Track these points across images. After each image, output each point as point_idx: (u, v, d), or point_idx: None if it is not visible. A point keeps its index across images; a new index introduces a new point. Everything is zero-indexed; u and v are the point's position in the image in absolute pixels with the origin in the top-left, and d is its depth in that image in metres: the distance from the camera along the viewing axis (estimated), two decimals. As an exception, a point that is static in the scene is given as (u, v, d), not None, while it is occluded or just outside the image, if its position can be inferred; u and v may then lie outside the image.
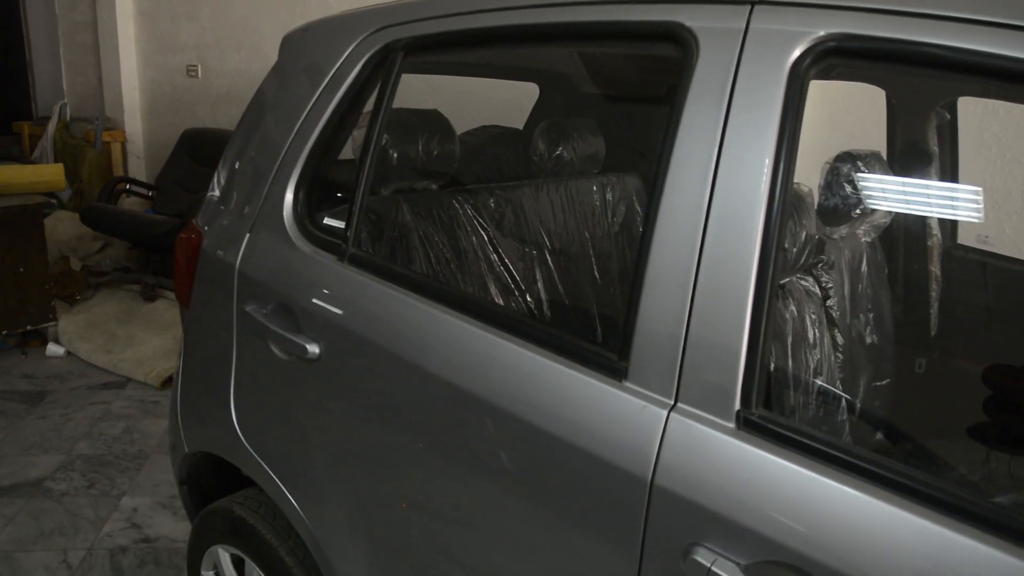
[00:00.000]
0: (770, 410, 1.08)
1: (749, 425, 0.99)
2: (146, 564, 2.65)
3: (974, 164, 3.03)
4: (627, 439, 1.06)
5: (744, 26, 1.09)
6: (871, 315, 2.17)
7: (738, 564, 0.96)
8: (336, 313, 1.46)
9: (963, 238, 2.39)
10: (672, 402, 1.04)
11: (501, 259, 1.93)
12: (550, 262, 2.06)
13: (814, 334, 1.63)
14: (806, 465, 0.94)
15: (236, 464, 1.75)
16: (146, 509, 2.98)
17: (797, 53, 1.04)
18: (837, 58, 1.04)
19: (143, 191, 5.85)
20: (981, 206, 2.53)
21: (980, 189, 2.50)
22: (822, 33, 1.03)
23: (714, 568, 0.96)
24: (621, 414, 1.07)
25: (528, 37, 1.38)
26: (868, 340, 2.17)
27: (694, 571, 0.98)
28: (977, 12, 0.94)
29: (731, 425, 1.00)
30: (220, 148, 5.11)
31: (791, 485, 0.95)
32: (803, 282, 1.67)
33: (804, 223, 1.53)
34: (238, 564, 1.91)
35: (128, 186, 5.85)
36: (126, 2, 6.42)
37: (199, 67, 6.24)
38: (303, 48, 1.79)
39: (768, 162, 1.01)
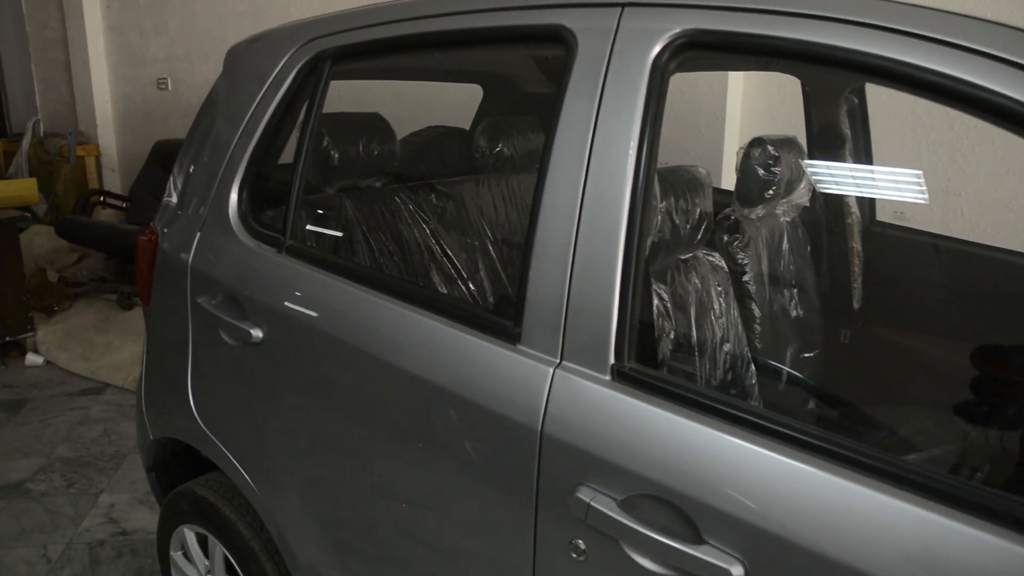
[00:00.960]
0: (648, 365, 1.22)
1: (621, 376, 1.13)
2: (123, 555, 2.77)
3: (904, 144, 3.19)
4: (521, 395, 1.20)
5: (615, 25, 1.23)
6: (795, 290, 2.32)
7: (614, 499, 1.10)
8: (275, 299, 1.60)
9: (881, 215, 2.55)
10: (558, 360, 1.19)
11: (431, 247, 2.07)
12: (476, 247, 2.20)
13: (720, 304, 1.77)
14: (671, 409, 1.09)
15: (195, 446, 1.89)
16: (123, 505, 3.09)
17: (658, 48, 1.18)
18: (692, 51, 1.19)
19: (117, 203, 5.95)
20: (898, 184, 2.69)
21: (894, 169, 2.64)
22: (678, 29, 1.18)
23: (593, 504, 1.10)
24: (516, 373, 1.21)
25: (436, 43, 1.52)
26: (793, 314, 2.32)
27: (578, 508, 1.13)
28: (805, 7, 1.09)
29: (606, 378, 1.14)
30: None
31: (658, 428, 1.09)
32: (709, 257, 1.81)
33: (698, 202, 1.67)
34: (203, 543, 2.04)
35: (102, 198, 5.95)
36: (95, 18, 6.53)
37: (169, 79, 6.35)
38: (245, 60, 1.92)
39: (634, 145, 1.16)
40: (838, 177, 2.49)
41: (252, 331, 1.61)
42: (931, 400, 2.15)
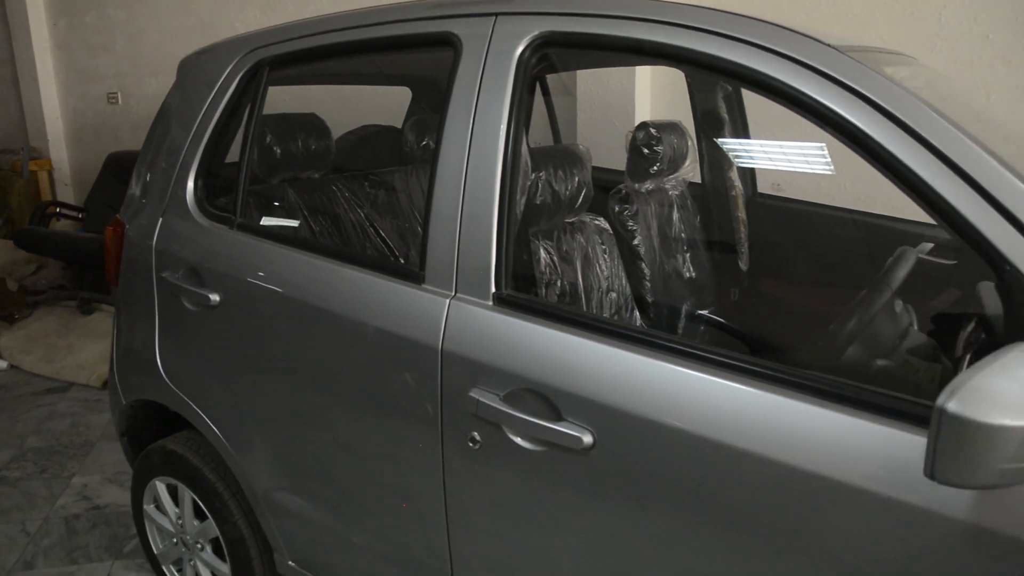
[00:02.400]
0: (520, 287, 1.56)
1: (500, 301, 1.47)
2: (98, 525, 3.03)
3: (787, 122, 3.57)
4: (425, 325, 1.53)
5: (490, 31, 1.57)
6: (688, 254, 2.68)
7: (497, 395, 1.44)
8: (228, 267, 1.91)
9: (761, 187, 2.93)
10: (452, 293, 1.52)
11: (362, 222, 2.40)
12: (400, 222, 2.53)
13: (605, 260, 2.12)
14: (538, 323, 1.42)
15: (164, 402, 2.18)
16: (95, 484, 3.35)
17: (522, 47, 1.52)
18: (548, 48, 1.54)
19: (73, 213, 6.14)
20: (772, 159, 3.06)
21: (769, 143, 2.99)
22: (537, 32, 1.52)
23: (482, 399, 1.44)
24: (421, 305, 1.54)
25: (353, 50, 1.85)
26: (687, 275, 2.68)
27: (471, 405, 1.46)
28: (630, 12, 1.43)
29: (489, 303, 1.48)
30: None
31: (528, 337, 1.43)
32: (595, 221, 2.16)
33: (576, 173, 2.01)
34: (173, 494, 2.33)
35: (58, 209, 6.14)
36: (42, 36, 6.71)
37: (119, 94, 6.56)
38: (195, 69, 2.22)
39: (503, 127, 1.50)
40: (721, 155, 2.85)
41: (210, 295, 1.92)
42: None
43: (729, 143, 2.82)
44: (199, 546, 2.28)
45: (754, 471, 1.20)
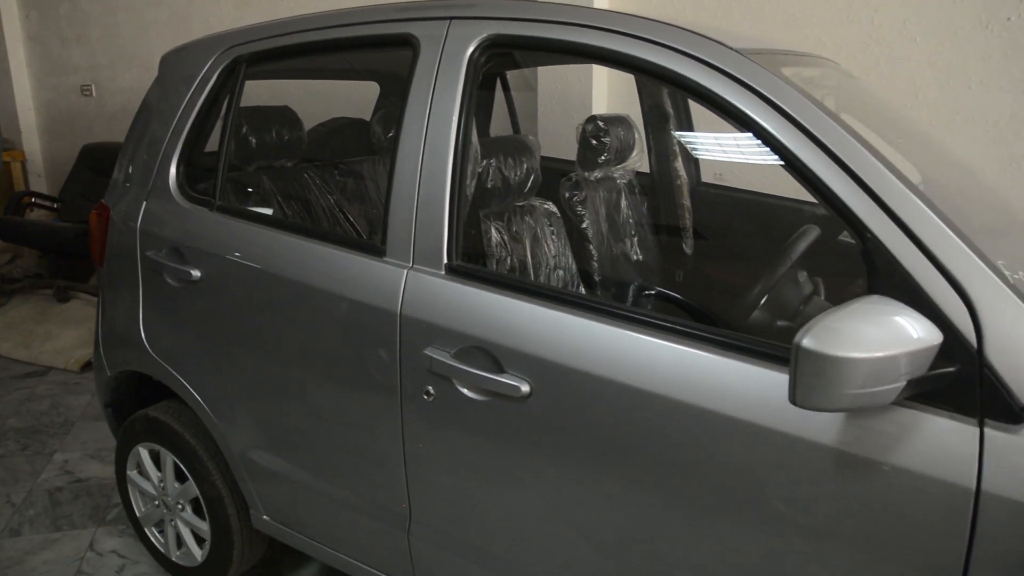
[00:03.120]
0: (469, 258, 1.77)
1: (451, 271, 1.68)
2: (80, 496, 3.20)
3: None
4: (386, 292, 1.73)
5: (445, 33, 1.78)
6: (635, 238, 2.90)
7: (448, 352, 1.64)
8: (208, 245, 2.09)
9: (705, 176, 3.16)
10: (410, 264, 1.72)
11: (332, 205, 2.59)
12: (367, 205, 2.72)
13: (553, 240, 2.33)
14: (479, 286, 1.63)
15: (147, 372, 2.36)
16: (76, 460, 3.51)
17: (472, 48, 1.73)
18: (495, 49, 1.74)
19: (47, 203, 6.24)
20: (713, 150, 3.29)
21: (710, 134, 3.21)
22: (485, 35, 1.72)
23: (435, 357, 1.65)
24: (383, 276, 1.75)
25: (322, 49, 2.04)
26: (634, 257, 2.90)
27: (426, 362, 1.67)
28: (561, 17, 1.64)
29: (441, 272, 1.68)
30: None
31: (476, 301, 1.63)
32: (545, 205, 2.37)
33: (524, 160, 2.22)
34: (155, 459, 2.51)
35: (32, 199, 6.23)
36: (14, 27, 6.78)
37: (93, 87, 6.65)
38: (176, 64, 2.40)
39: (455, 119, 1.70)
40: (667, 147, 3.07)
41: (192, 271, 2.11)
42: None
43: (674, 135, 3.04)
44: (180, 506, 2.46)
45: (664, 412, 1.42)
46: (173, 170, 2.24)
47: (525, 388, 1.55)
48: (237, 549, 2.38)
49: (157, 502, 2.54)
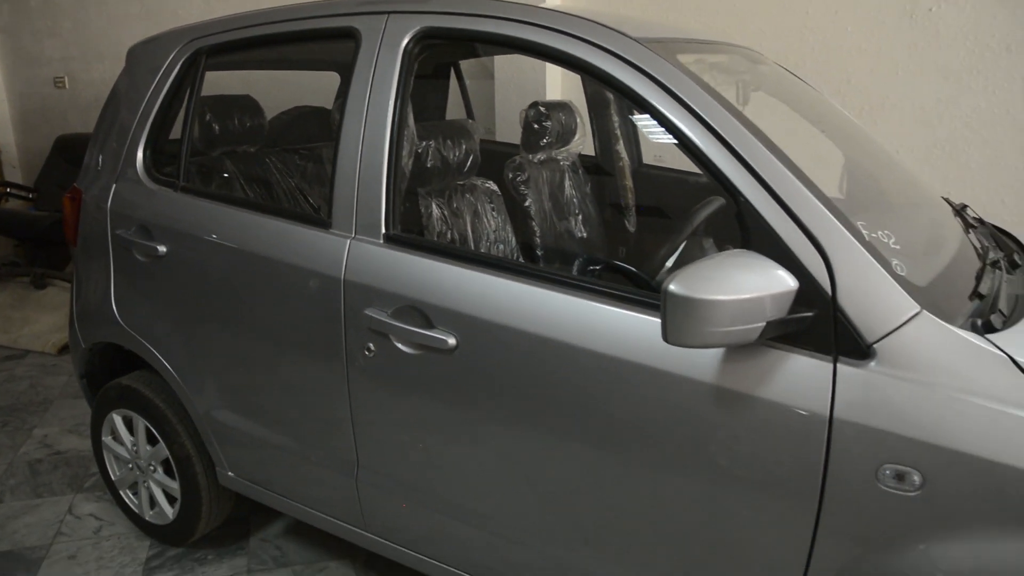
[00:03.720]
0: (406, 228, 1.96)
1: (389, 239, 1.87)
2: (59, 467, 3.37)
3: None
4: (331, 260, 1.92)
5: (383, 26, 1.96)
6: (579, 217, 3.10)
7: (386, 312, 1.84)
8: (173, 222, 2.27)
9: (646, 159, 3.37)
10: (353, 235, 1.91)
11: (289, 186, 2.77)
12: (325, 178, 2.90)
13: (491, 215, 2.53)
14: (412, 252, 1.83)
15: (119, 342, 2.53)
16: (55, 435, 3.68)
17: (406, 40, 1.92)
18: (426, 40, 1.93)
19: (23, 193, 6.36)
20: (654, 134, 3.49)
21: (649, 119, 3.42)
22: (418, 28, 1.91)
23: (374, 316, 1.84)
24: (328, 245, 1.94)
25: (271, 42, 2.22)
26: (579, 235, 3.10)
27: (367, 321, 1.86)
28: (489, 11, 1.83)
29: (380, 242, 1.87)
30: None
31: (410, 266, 1.83)
32: (486, 185, 2.57)
33: (464, 143, 2.42)
34: (128, 426, 2.69)
35: (8, 189, 6.35)
36: (-15, 20, 6.88)
37: (66, 78, 6.76)
38: (142, 56, 2.57)
39: (392, 104, 1.89)
40: (610, 131, 3.28)
41: (159, 247, 2.29)
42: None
43: (616, 120, 3.25)
44: (152, 468, 2.65)
45: (570, 357, 1.62)
46: (140, 155, 2.42)
47: (452, 341, 1.75)
48: (205, 505, 2.56)
49: (131, 465, 2.73)
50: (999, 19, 3.34)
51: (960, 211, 2.31)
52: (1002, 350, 1.39)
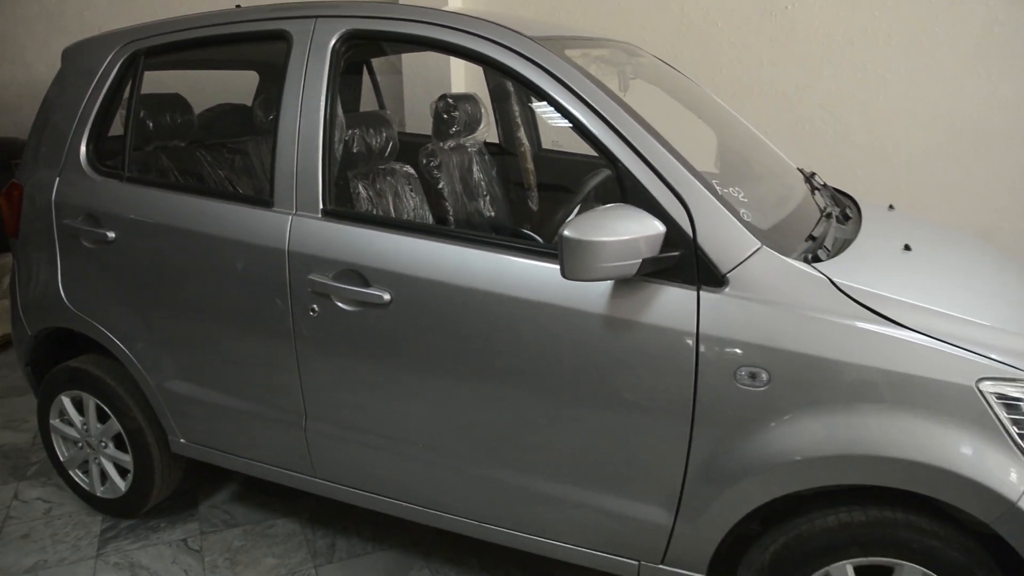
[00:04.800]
0: (340, 204, 2.25)
1: (326, 214, 2.16)
2: (-1, 459, 3.50)
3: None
4: (275, 235, 2.20)
5: (312, 28, 2.25)
6: (487, 198, 3.43)
7: (328, 275, 2.13)
8: (120, 209, 2.49)
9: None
10: (294, 211, 2.20)
11: (222, 174, 3.01)
12: (252, 169, 3.16)
13: (410, 195, 2.84)
14: (348, 224, 2.12)
15: (69, 326, 2.72)
16: (-11, 430, 3.78)
17: (334, 40, 2.21)
18: (351, 41, 2.22)
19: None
20: (551, 121, 3.86)
21: (547, 107, 3.79)
22: (344, 30, 2.21)
23: (317, 280, 2.13)
24: (272, 222, 2.21)
25: (209, 43, 2.47)
26: (487, 214, 3.43)
27: (310, 286, 2.15)
28: (404, 15, 2.14)
29: (319, 216, 2.16)
30: None
31: (346, 235, 2.12)
32: (405, 169, 2.88)
33: (384, 131, 2.72)
34: (77, 406, 2.88)
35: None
36: None
37: (-34, 81, 6.68)
38: (79, 56, 2.75)
39: (323, 98, 2.18)
40: (511, 120, 3.62)
41: (108, 233, 2.50)
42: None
43: (516, 109, 3.60)
44: (103, 444, 2.84)
45: (485, 301, 1.96)
46: (83, 149, 2.62)
47: (387, 296, 2.06)
48: (158, 474, 2.78)
49: (80, 444, 2.91)
50: (842, 16, 3.85)
51: (809, 178, 2.75)
52: (823, 274, 1.80)
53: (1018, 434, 1.67)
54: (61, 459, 3.00)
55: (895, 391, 1.70)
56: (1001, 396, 1.67)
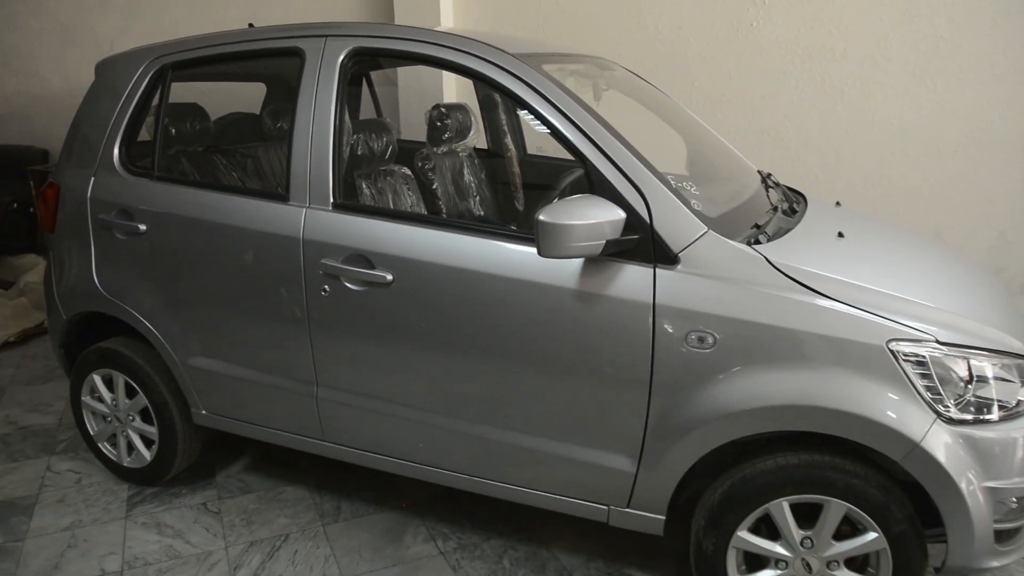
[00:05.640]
0: (347, 199, 2.58)
1: (336, 206, 2.49)
2: (28, 438, 3.79)
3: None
4: (291, 225, 2.53)
5: (323, 46, 2.58)
6: (477, 198, 3.77)
7: (338, 259, 2.45)
8: (151, 204, 2.82)
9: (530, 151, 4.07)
10: (307, 204, 2.52)
11: (237, 174, 3.33)
12: (262, 172, 3.48)
13: (409, 195, 3.17)
14: (355, 215, 2.45)
15: (101, 310, 3.03)
16: (16, 414, 4.07)
17: (342, 57, 2.54)
18: (357, 57, 2.56)
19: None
20: (535, 129, 4.19)
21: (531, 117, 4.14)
22: (351, 47, 2.54)
23: (328, 263, 2.45)
24: (288, 214, 2.54)
25: (230, 58, 2.80)
26: (477, 213, 3.76)
27: (322, 268, 2.47)
28: (403, 35, 2.47)
29: (329, 208, 2.49)
30: (8, 161, 6.51)
31: (354, 225, 2.45)
32: (403, 170, 3.21)
33: (383, 136, 3.06)
34: (107, 384, 3.19)
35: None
36: None
37: (-21, 92, 6.98)
38: (113, 69, 3.07)
39: (333, 107, 2.51)
40: (499, 128, 3.96)
41: (140, 226, 2.82)
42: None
43: (503, 118, 3.94)
44: (131, 418, 3.15)
45: (475, 280, 2.28)
46: (116, 151, 2.94)
47: (389, 277, 2.39)
48: (181, 444, 3.09)
49: (109, 418, 3.21)
50: (803, 33, 4.20)
51: (765, 178, 3.09)
52: (761, 254, 2.13)
53: (923, 386, 2.00)
54: (91, 433, 3.31)
55: (819, 350, 2.03)
56: (907, 355, 2.00)
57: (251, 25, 3.13)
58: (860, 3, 4.07)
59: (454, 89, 4.86)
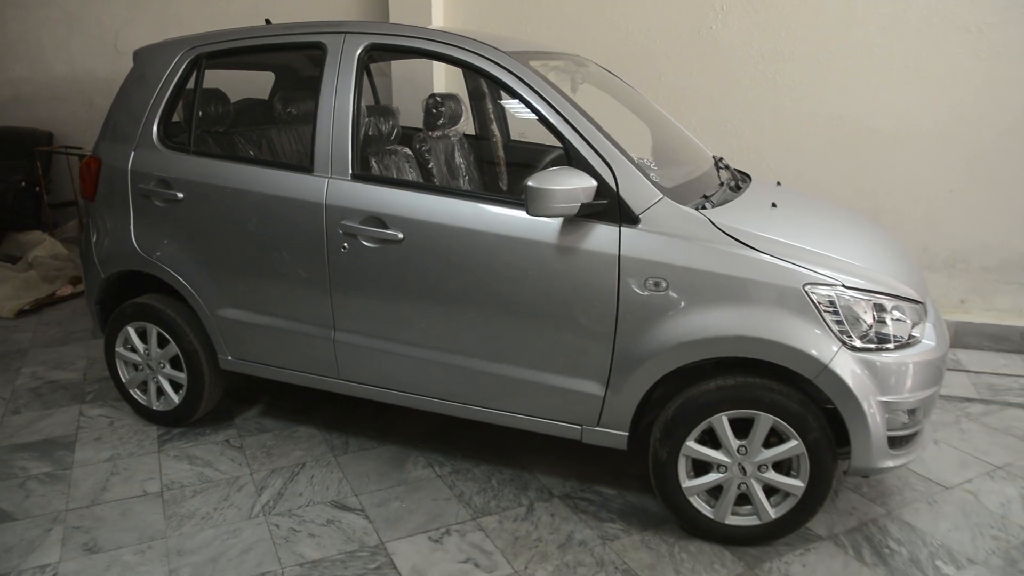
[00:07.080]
0: (363, 171, 3.05)
1: (355, 177, 2.95)
2: (57, 390, 4.20)
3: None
4: (315, 192, 2.98)
5: (343, 41, 3.04)
6: (467, 178, 4.24)
7: (356, 221, 2.92)
8: (188, 174, 3.26)
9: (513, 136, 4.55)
10: (329, 175, 2.98)
11: (244, 153, 3.78)
12: (275, 151, 3.93)
13: (410, 171, 3.64)
14: (371, 184, 2.92)
15: (138, 268, 3.46)
16: (42, 371, 4.47)
17: (359, 51, 3.00)
18: (372, 51, 3.02)
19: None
20: (517, 116, 4.68)
21: (515, 104, 4.61)
22: (367, 43, 3.00)
23: (348, 224, 2.92)
24: (313, 184, 3.00)
25: (258, 50, 3.24)
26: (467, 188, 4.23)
27: (342, 228, 2.93)
28: (410, 32, 2.94)
29: (349, 178, 2.95)
30: (16, 143, 6.96)
31: (370, 192, 2.92)
32: (404, 150, 3.67)
33: (390, 120, 3.52)
34: (140, 335, 3.62)
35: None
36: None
37: (-17, 77, 7.31)
38: (151, 56, 3.50)
39: (352, 93, 2.97)
40: (485, 115, 4.44)
41: (177, 194, 3.26)
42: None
43: (489, 107, 4.41)
44: (162, 365, 3.58)
45: (470, 237, 2.76)
46: (155, 129, 3.37)
47: (400, 235, 2.86)
48: (207, 388, 3.54)
49: (141, 367, 3.64)
50: (755, 36, 4.73)
51: (718, 161, 3.59)
52: (706, 217, 2.63)
53: (832, 321, 2.51)
54: (123, 380, 3.73)
55: (750, 292, 2.53)
56: (820, 296, 2.51)
57: (268, 21, 3.58)
58: (805, 12, 4.61)
59: (443, 81, 5.33)
